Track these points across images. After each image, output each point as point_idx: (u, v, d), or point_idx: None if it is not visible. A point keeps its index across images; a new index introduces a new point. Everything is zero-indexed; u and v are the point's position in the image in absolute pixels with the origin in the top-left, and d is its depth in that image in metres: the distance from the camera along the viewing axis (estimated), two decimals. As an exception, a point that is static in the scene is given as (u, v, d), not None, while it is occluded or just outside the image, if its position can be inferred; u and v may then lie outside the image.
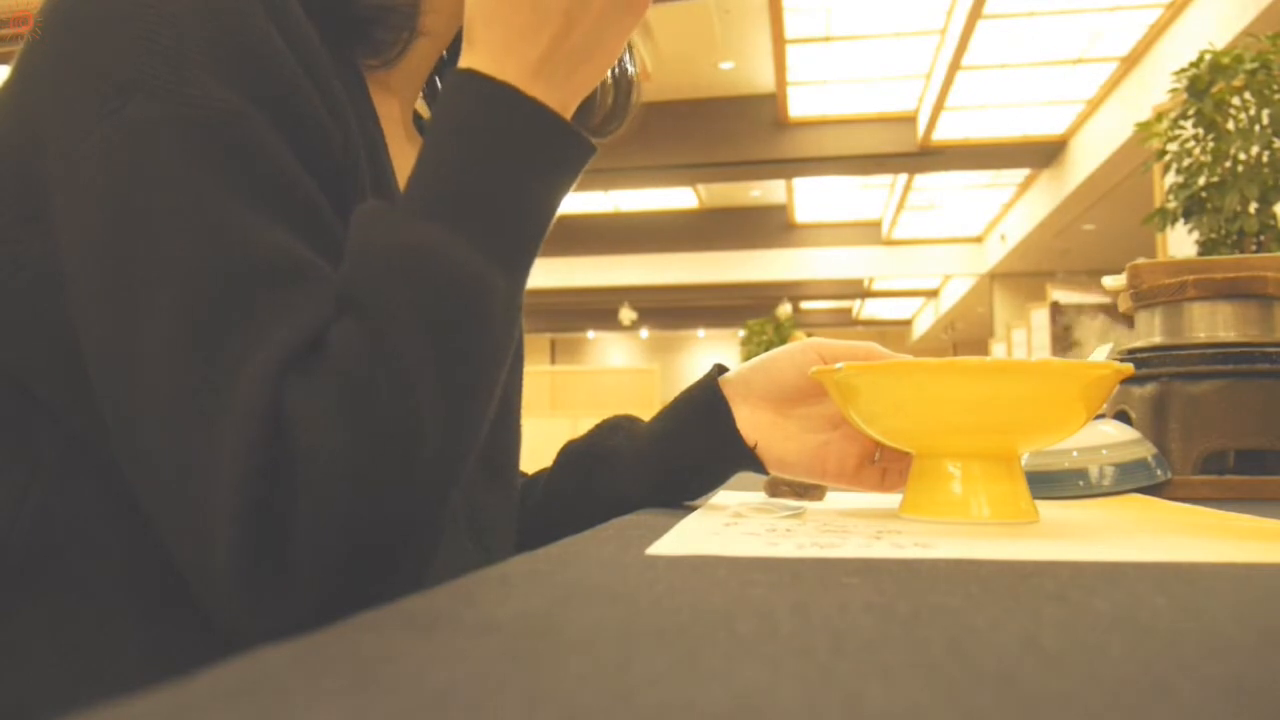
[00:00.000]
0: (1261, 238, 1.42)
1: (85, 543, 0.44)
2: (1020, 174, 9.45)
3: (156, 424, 0.39)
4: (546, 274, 12.32)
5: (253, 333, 0.39)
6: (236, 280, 0.40)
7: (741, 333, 11.62)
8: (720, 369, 0.68)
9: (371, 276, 0.41)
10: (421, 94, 0.68)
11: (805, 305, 16.63)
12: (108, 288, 0.40)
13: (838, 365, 0.57)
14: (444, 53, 0.65)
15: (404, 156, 0.59)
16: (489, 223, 0.44)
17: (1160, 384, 0.86)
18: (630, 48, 0.67)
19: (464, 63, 0.46)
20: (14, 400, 0.45)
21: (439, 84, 0.69)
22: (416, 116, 0.66)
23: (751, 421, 0.65)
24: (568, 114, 0.47)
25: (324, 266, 0.43)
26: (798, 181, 10.50)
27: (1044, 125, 8.11)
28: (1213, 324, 0.87)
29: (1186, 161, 1.50)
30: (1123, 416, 0.90)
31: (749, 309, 13.75)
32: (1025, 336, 7.75)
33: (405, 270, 0.41)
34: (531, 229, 0.46)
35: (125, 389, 0.40)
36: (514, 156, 0.45)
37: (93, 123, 0.41)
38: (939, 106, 7.55)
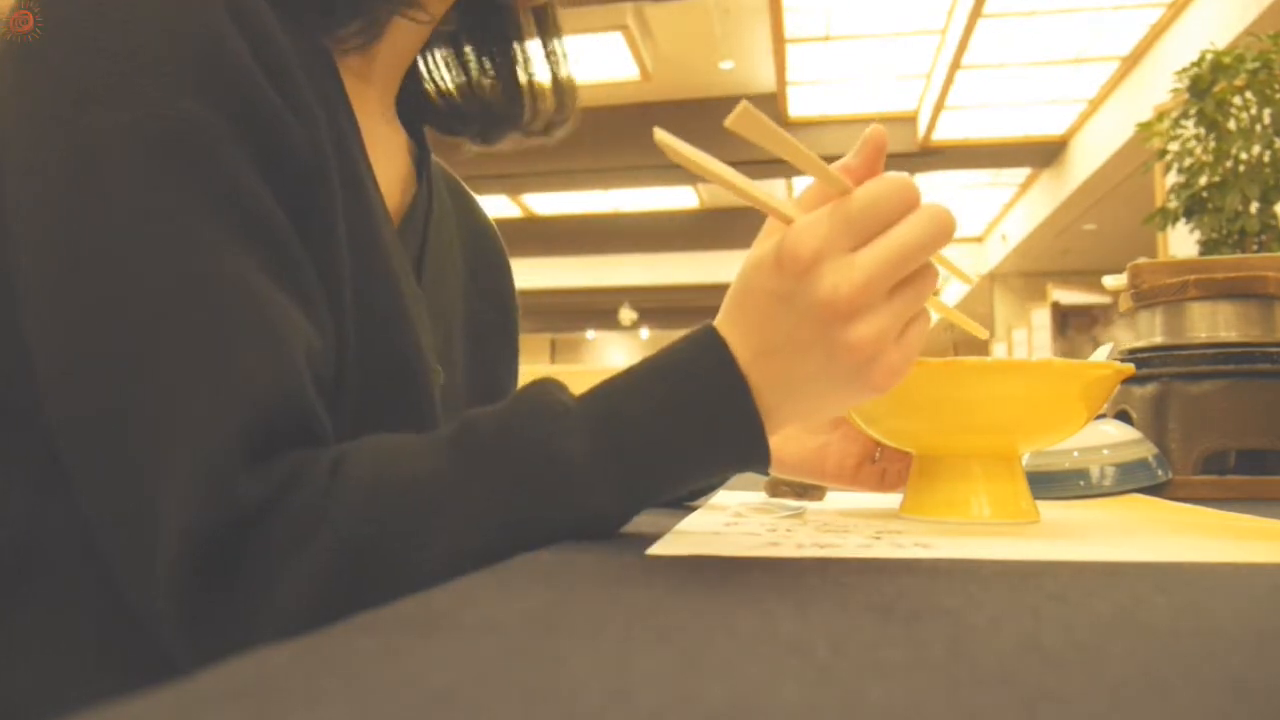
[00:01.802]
0: (1262, 237, 1.41)
1: (76, 543, 0.44)
2: (1020, 174, 9.44)
3: (105, 462, 0.39)
4: (546, 274, 12.31)
5: (209, 379, 0.39)
6: (194, 313, 0.40)
7: (742, 333, 11.56)
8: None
9: (487, 453, 0.41)
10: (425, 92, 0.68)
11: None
12: (57, 303, 0.40)
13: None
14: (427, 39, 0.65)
15: (380, 145, 0.58)
16: (652, 490, 0.43)
17: (1161, 384, 0.86)
18: (559, 52, 0.67)
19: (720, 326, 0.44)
20: None
21: (425, 67, 0.67)
22: (400, 102, 0.65)
23: None
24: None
25: (279, 296, 0.42)
26: (798, 181, 10.49)
27: (1044, 125, 8.10)
28: (1213, 324, 0.87)
29: (1188, 161, 1.50)
30: (1123, 416, 0.90)
31: (749, 309, 13.70)
32: (1025, 336, 7.74)
33: (537, 481, 0.40)
34: (663, 485, 0.43)
35: (75, 415, 0.40)
36: (704, 441, 0.43)
37: (50, 132, 0.41)
38: (939, 106, 7.54)
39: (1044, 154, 8.60)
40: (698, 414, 0.42)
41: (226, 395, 0.39)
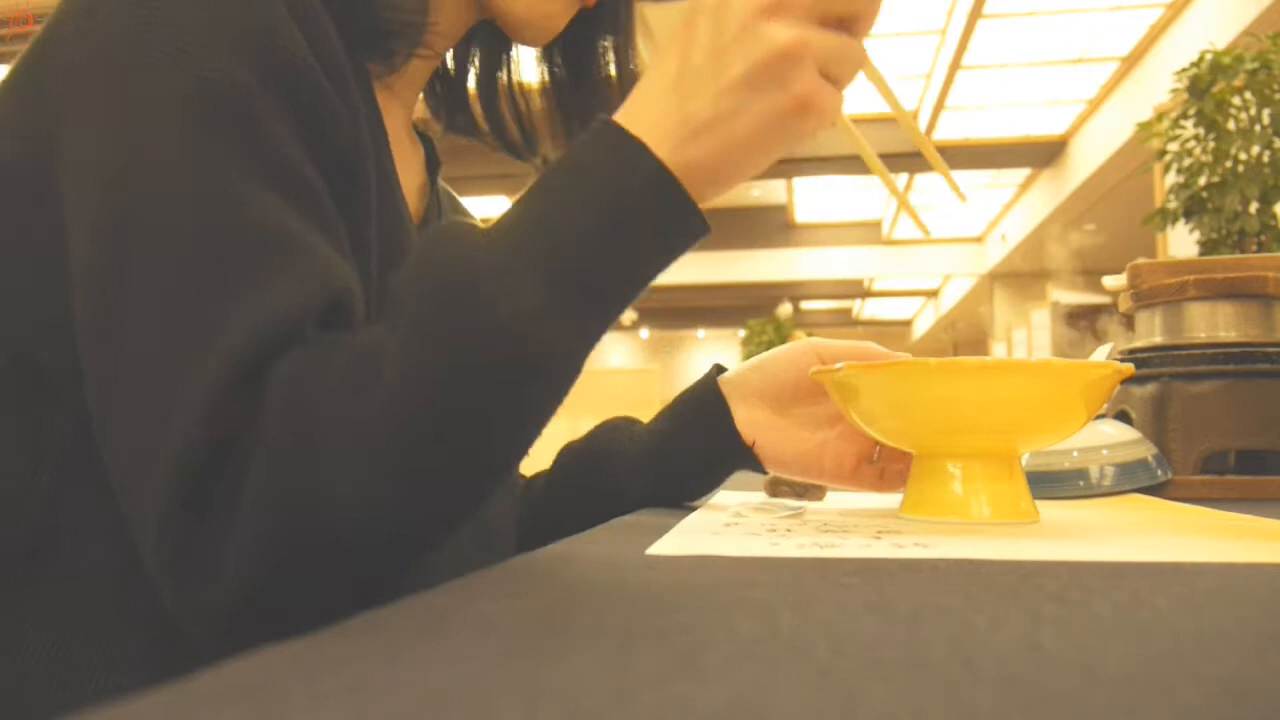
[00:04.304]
0: (1262, 237, 1.42)
1: (92, 528, 0.44)
2: (1020, 174, 9.45)
3: (125, 389, 0.39)
4: (547, 274, 12.27)
5: (237, 307, 0.39)
6: (225, 252, 0.40)
7: (742, 333, 11.60)
8: (719, 369, 0.69)
9: (418, 304, 0.39)
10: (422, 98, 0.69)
11: (806, 305, 16.60)
12: (102, 252, 0.40)
13: (838, 366, 0.57)
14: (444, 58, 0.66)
15: (404, 161, 0.60)
16: (573, 274, 0.40)
17: (1160, 384, 0.86)
18: (632, 49, 0.67)
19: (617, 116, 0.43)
20: (23, 382, 0.45)
21: (438, 87, 0.69)
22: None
23: (749, 420, 0.65)
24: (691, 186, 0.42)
25: (317, 242, 0.42)
26: (798, 181, 10.49)
27: (1044, 125, 8.10)
28: (1213, 324, 0.87)
29: (1187, 161, 1.50)
30: (1123, 416, 0.90)
31: (749, 309, 13.72)
32: (1025, 336, 7.74)
33: (457, 299, 0.38)
34: (615, 291, 0.42)
35: (103, 351, 0.40)
36: (626, 215, 0.41)
37: (100, 94, 0.42)
38: (939, 106, 7.54)
39: (1044, 154, 8.60)
40: (590, 174, 0.41)
41: (248, 320, 0.38)
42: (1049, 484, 0.76)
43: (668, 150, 0.41)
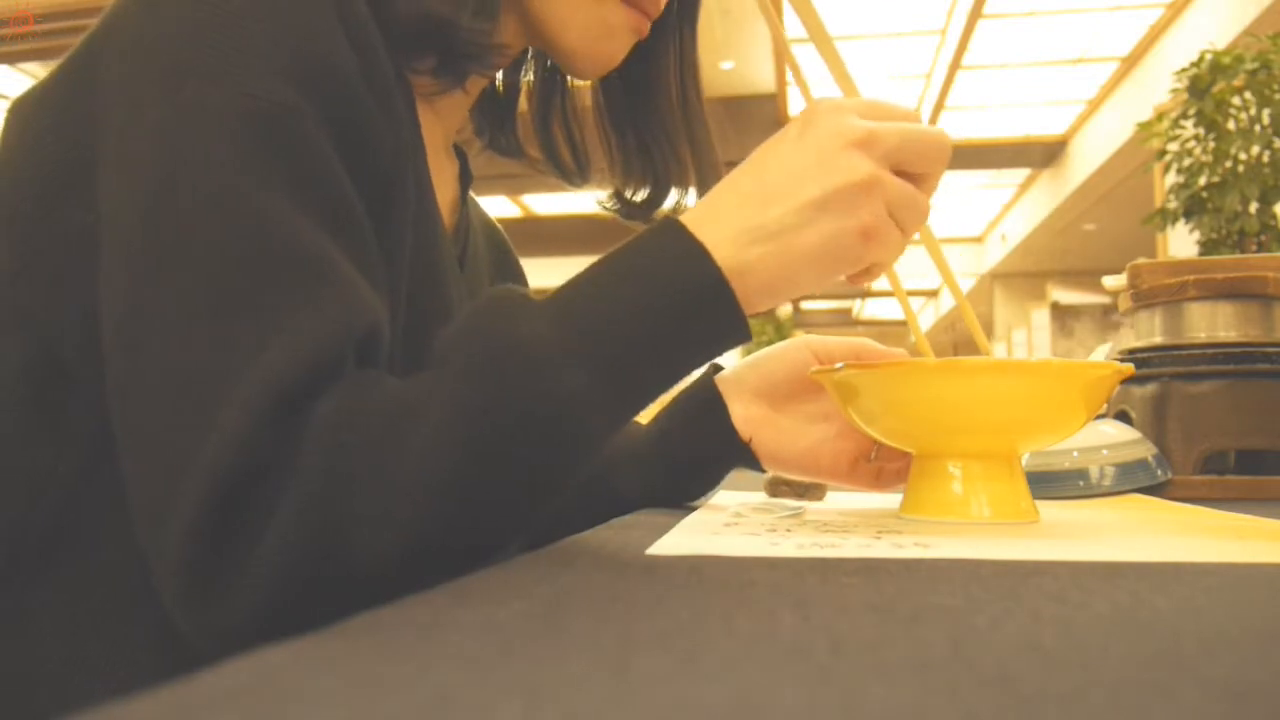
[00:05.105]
0: (1262, 237, 1.42)
1: (107, 524, 0.44)
2: (1020, 174, 9.44)
3: (151, 404, 0.39)
4: (547, 274, 12.28)
5: (275, 332, 0.38)
6: (262, 272, 0.39)
7: (742, 332, 11.57)
8: (716, 368, 0.69)
9: (467, 367, 0.39)
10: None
11: (805, 305, 16.61)
12: (136, 262, 0.40)
13: (837, 365, 0.57)
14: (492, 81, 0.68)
15: (439, 176, 0.60)
16: (617, 363, 0.41)
17: (1160, 384, 0.86)
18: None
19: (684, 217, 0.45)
20: (49, 375, 0.45)
21: (484, 106, 0.70)
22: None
23: (745, 417, 0.66)
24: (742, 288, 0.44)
25: (352, 272, 0.42)
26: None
27: (1044, 125, 8.10)
28: (1213, 324, 0.87)
29: (1187, 161, 1.50)
30: (1123, 416, 0.90)
31: (749, 309, 13.72)
32: (1025, 336, 7.74)
33: (505, 364, 0.39)
34: (652, 384, 0.43)
35: (129, 362, 0.40)
36: (676, 317, 0.42)
37: (150, 103, 0.42)
38: (939, 106, 7.54)
39: (1044, 154, 8.60)
40: (650, 269, 0.43)
41: (280, 351, 0.38)
42: (1049, 484, 0.76)
43: (726, 254, 0.43)
